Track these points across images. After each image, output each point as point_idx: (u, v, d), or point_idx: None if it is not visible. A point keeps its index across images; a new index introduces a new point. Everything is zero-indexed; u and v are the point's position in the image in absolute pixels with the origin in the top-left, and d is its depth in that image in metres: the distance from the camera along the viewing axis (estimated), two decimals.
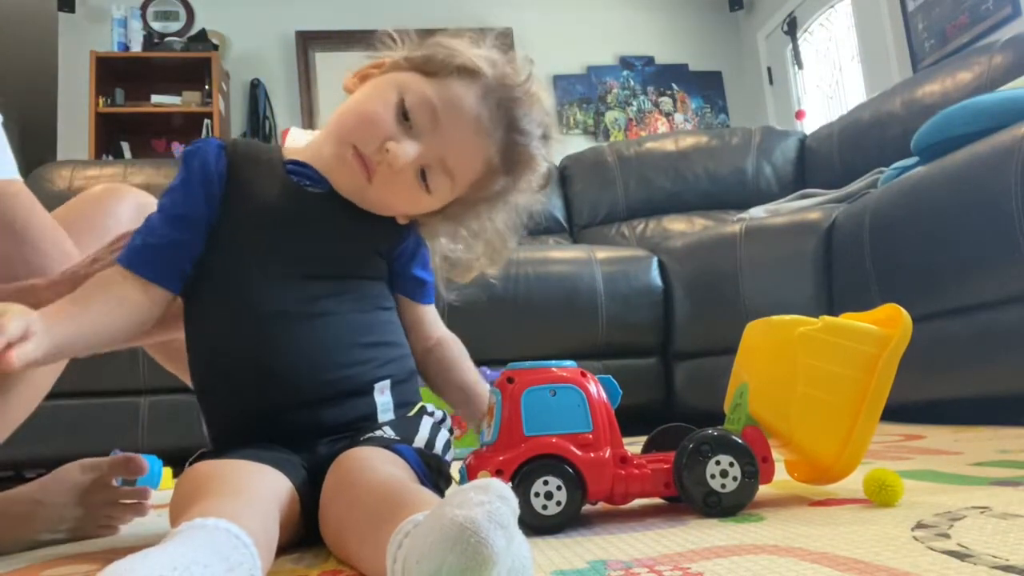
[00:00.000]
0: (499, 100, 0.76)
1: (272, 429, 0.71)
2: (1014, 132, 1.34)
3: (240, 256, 0.75)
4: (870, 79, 3.82)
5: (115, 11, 4.11)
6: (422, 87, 0.75)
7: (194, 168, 0.76)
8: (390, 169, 0.73)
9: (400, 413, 0.76)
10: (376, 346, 0.76)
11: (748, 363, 0.82)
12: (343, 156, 0.75)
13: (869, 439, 0.75)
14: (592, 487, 0.70)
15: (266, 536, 0.54)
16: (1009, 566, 0.45)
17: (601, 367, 1.99)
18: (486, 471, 0.68)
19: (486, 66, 0.76)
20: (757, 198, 2.64)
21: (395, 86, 0.75)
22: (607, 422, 0.72)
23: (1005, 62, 2.07)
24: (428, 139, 0.74)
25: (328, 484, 0.64)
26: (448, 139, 0.74)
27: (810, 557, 0.51)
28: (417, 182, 0.75)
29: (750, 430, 0.74)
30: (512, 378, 0.71)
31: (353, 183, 0.76)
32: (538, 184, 0.82)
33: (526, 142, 0.78)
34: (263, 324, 0.72)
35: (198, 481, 0.61)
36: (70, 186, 2.54)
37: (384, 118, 0.74)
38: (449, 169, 0.76)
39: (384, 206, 0.78)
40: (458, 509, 0.40)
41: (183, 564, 0.41)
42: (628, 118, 4.76)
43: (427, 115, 0.74)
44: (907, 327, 0.75)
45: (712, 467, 0.70)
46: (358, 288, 0.77)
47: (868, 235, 1.67)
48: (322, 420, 0.72)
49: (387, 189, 0.75)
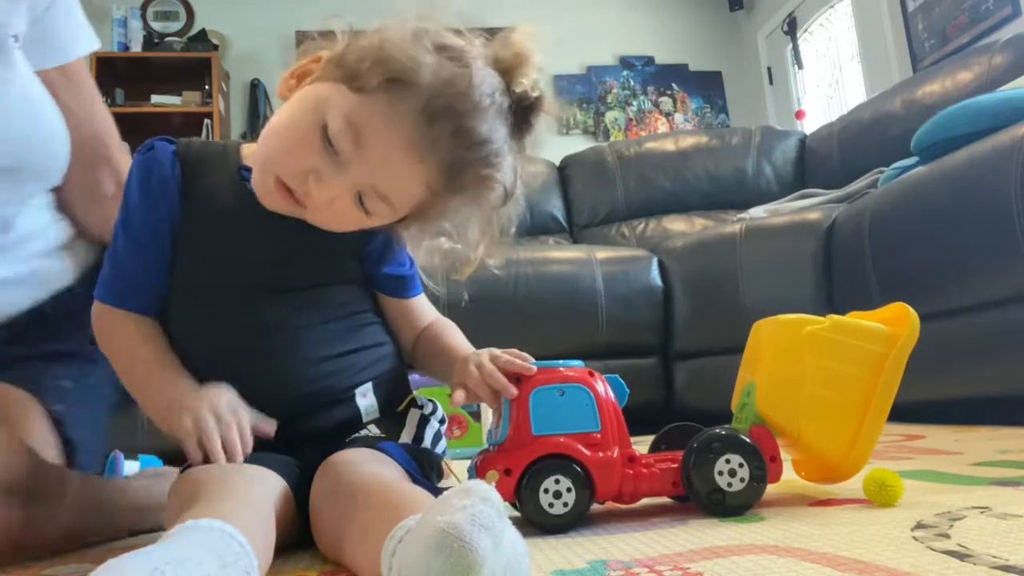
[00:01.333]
0: (439, 113, 0.65)
1: (256, 440, 0.70)
2: (1014, 132, 1.33)
3: (205, 273, 0.73)
4: (870, 79, 3.82)
5: (115, 11, 4.11)
6: (345, 107, 0.65)
7: (152, 184, 0.73)
8: (317, 201, 0.67)
9: (387, 410, 0.75)
10: (353, 353, 0.75)
11: (755, 362, 0.82)
12: (268, 185, 0.68)
13: (876, 438, 0.75)
14: (600, 486, 0.70)
15: (263, 536, 0.54)
16: (1009, 566, 0.44)
17: (601, 367, 1.97)
18: (495, 471, 0.68)
19: (424, 74, 0.65)
20: (757, 198, 2.64)
21: (316, 107, 0.66)
22: (615, 422, 0.72)
23: (1005, 62, 2.07)
24: (355, 167, 0.66)
25: (316, 489, 0.64)
26: (375, 165, 0.66)
27: (810, 557, 0.51)
28: (354, 207, 0.68)
29: (757, 429, 0.74)
30: (520, 378, 0.71)
31: (287, 209, 0.69)
32: (495, 203, 0.72)
33: (475, 159, 0.67)
34: (235, 341, 0.72)
35: (192, 485, 0.60)
36: None
37: (306, 147, 0.66)
38: (383, 195, 0.68)
39: (329, 227, 0.71)
40: (440, 516, 0.40)
41: (176, 559, 0.41)
42: (628, 118, 4.76)
43: (350, 141, 0.65)
44: (915, 326, 0.75)
45: (721, 465, 0.70)
46: (329, 296, 0.75)
47: (868, 235, 1.67)
48: (304, 428, 0.72)
49: (323, 215, 0.69)
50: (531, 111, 0.71)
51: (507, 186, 0.71)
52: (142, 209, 0.73)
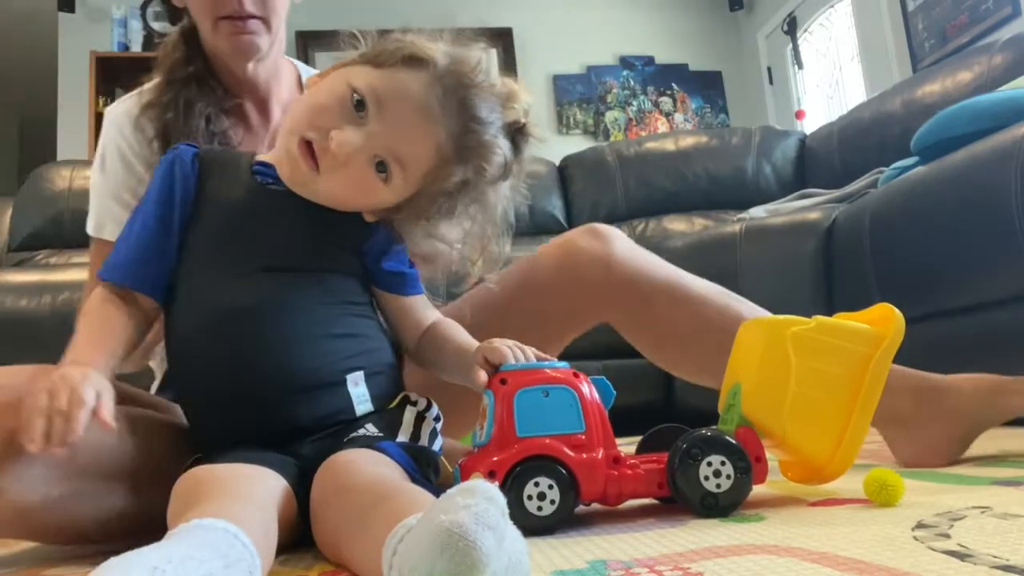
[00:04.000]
0: (449, 87, 0.74)
1: (250, 428, 0.71)
2: (1014, 132, 1.34)
3: (202, 256, 0.76)
4: (870, 79, 3.82)
5: (115, 11, 4.10)
6: (369, 77, 0.74)
7: (173, 174, 0.77)
8: (335, 159, 0.73)
9: (379, 404, 0.76)
10: (343, 338, 0.76)
11: (741, 363, 0.82)
12: (290, 148, 0.74)
13: (862, 439, 0.75)
14: (585, 488, 0.70)
15: (265, 536, 0.54)
16: (1009, 566, 0.45)
17: (600, 367, 1.98)
18: (479, 472, 0.68)
19: (438, 55, 0.75)
20: (757, 198, 2.64)
21: (343, 78, 0.75)
22: (600, 423, 0.72)
23: (1005, 62, 2.07)
24: (375, 127, 0.73)
25: (316, 489, 0.64)
26: (394, 126, 0.73)
27: (810, 557, 0.51)
28: (368, 171, 0.74)
29: (743, 430, 0.74)
30: (505, 379, 0.71)
31: (300, 173, 0.75)
32: (495, 173, 0.78)
33: (479, 129, 0.76)
34: (225, 321, 0.72)
35: (194, 486, 0.60)
36: (70, 186, 2.55)
37: (330, 108, 0.74)
38: (400, 158, 0.74)
39: (335, 198, 0.76)
40: (444, 514, 0.40)
41: (178, 558, 0.41)
42: (628, 118, 4.76)
43: (373, 103, 0.73)
44: (900, 326, 0.75)
45: (704, 469, 0.70)
46: (322, 282, 0.76)
47: (868, 235, 1.67)
48: (298, 416, 0.72)
49: (335, 179, 0.74)
50: (520, 135, 0.80)
51: (507, 157, 0.78)
52: (157, 192, 0.77)
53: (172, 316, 0.77)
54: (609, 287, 0.99)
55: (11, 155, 5.76)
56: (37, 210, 2.53)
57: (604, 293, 0.99)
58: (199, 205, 0.77)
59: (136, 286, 0.75)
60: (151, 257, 0.76)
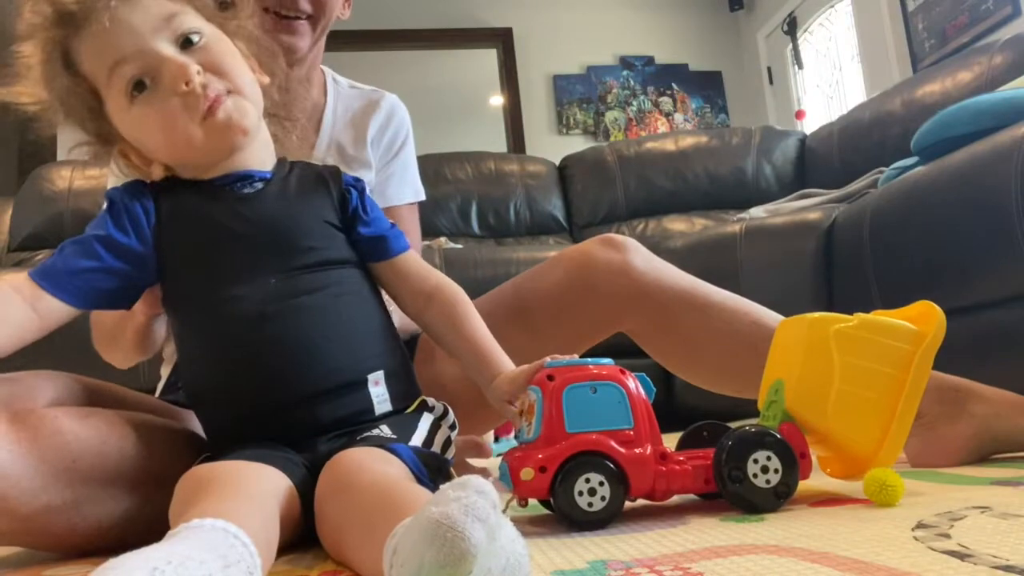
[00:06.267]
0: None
1: (270, 430, 0.71)
2: (1014, 132, 1.34)
3: (208, 273, 0.74)
4: (870, 79, 3.82)
5: None
6: (93, 66, 0.77)
7: (119, 209, 0.75)
8: (215, 85, 0.73)
9: (397, 405, 0.76)
10: (362, 337, 0.76)
11: (782, 361, 0.82)
12: (191, 136, 0.73)
13: (906, 435, 0.76)
14: (634, 483, 0.70)
15: (266, 535, 0.54)
16: (1009, 566, 0.45)
17: None
18: (529, 468, 0.68)
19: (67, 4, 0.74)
20: (757, 198, 2.64)
21: (114, 97, 0.77)
22: (647, 418, 0.72)
23: (1005, 62, 2.07)
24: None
25: (322, 485, 0.64)
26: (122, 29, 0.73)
27: (810, 557, 0.51)
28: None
29: (787, 426, 0.75)
30: (552, 376, 0.71)
31: (224, 128, 0.73)
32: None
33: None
34: (246, 331, 0.72)
35: (196, 484, 0.60)
36: (70, 186, 2.54)
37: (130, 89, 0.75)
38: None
39: (251, 102, 0.76)
40: (434, 507, 0.40)
41: (178, 559, 0.41)
42: (628, 118, 4.76)
43: (127, 69, 0.73)
44: (941, 324, 0.76)
45: (752, 467, 0.71)
46: (329, 279, 0.76)
47: (868, 235, 1.67)
48: (319, 416, 0.72)
49: (238, 93, 0.74)
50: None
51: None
52: (105, 224, 0.74)
53: (187, 333, 0.76)
54: (628, 297, 1.00)
55: (11, 155, 5.76)
56: (37, 210, 2.53)
57: (623, 303, 1.00)
58: (169, 226, 0.75)
59: (32, 275, 0.71)
60: (61, 264, 0.72)
